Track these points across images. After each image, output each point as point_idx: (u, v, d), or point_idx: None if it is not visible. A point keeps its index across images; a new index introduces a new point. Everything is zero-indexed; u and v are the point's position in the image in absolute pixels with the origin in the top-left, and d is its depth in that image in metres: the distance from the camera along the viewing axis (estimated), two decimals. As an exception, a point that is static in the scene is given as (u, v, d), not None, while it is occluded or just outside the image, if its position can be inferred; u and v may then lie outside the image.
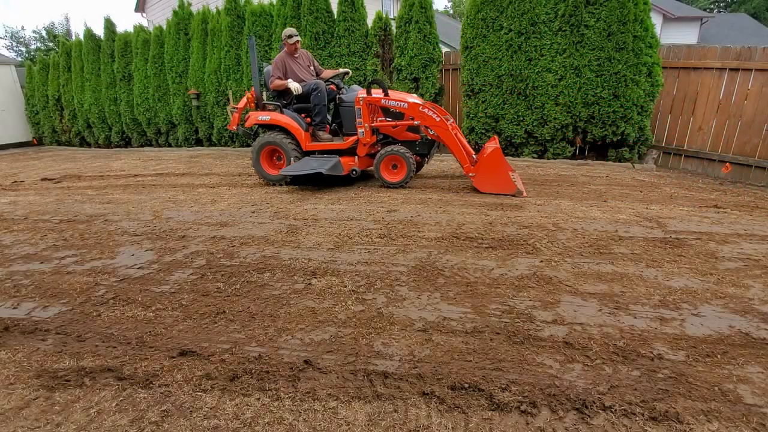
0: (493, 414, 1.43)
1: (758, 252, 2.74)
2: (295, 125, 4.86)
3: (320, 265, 2.66)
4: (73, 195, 5.08)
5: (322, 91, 4.76)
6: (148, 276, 2.62)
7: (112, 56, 10.30)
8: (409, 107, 4.55)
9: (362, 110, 4.64)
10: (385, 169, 4.77)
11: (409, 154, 4.65)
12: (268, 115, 4.95)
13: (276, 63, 4.90)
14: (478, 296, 2.22)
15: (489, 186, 4.39)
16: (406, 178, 4.70)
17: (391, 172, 4.80)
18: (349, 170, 4.78)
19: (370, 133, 4.73)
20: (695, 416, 1.39)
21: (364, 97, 4.61)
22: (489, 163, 4.34)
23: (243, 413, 1.47)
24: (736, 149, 5.27)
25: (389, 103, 4.60)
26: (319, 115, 4.84)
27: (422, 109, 4.48)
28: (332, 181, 5.00)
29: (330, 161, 4.63)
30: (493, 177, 4.35)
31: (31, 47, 33.84)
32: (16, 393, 1.61)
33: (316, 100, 4.76)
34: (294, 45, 4.88)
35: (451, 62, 7.71)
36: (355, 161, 4.83)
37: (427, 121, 4.51)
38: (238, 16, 8.11)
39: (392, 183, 4.75)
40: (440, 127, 4.49)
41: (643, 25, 5.45)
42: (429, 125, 4.55)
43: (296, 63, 5.00)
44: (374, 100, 4.63)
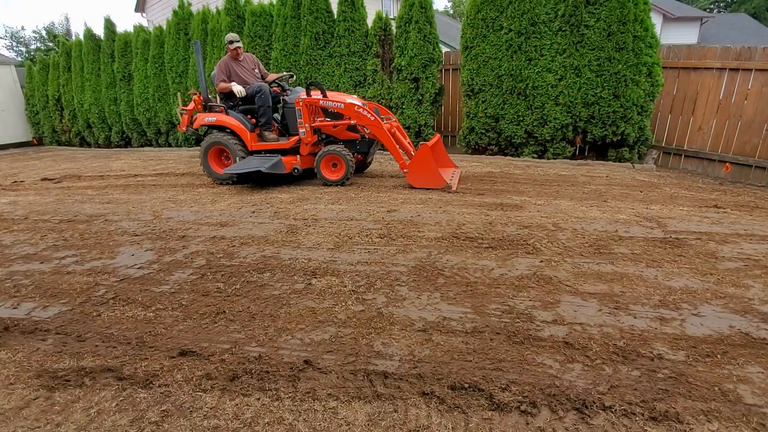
0: (493, 414, 1.43)
1: (758, 252, 2.74)
2: (240, 126, 5.06)
3: (320, 265, 2.66)
4: (73, 195, 5.08)
5: (265, 93, 4.97)
6: (148, 276, 2.62)
7: (112, 56, 10.30)
8: (345, 107, 4.76)
9: (302, 111, 4.87)
10: (325, 167, 4.98)
11: (347, 153, 4.85)
12: (214, 116, 5.16)
13: (220, 66, 5.14)
14: (478, 296, 2.22)
15: (420, 181, 4.65)
16: (346, 176, 4.90)
17: (331, 170, 5.00)
18: (291, 168, 5.01)
19: (311, 132, 4.95)
20: (695, 416, 1.39)
21: (303, 99, 4.83)
22: (418, 160, 4.60)
23: (243, 413, 1.47)
24: (736, 149, 5.28)
25: (327, 104, 4.84)
26: (264, 116, 5.06)
27: (357, 109, 4.70)
28: (279, 180, 5.26)
29: (271, 160, 4.85)
30: (423, 173, 4.60)
31: (31, 47, 33.85)
32: (16, 393, 1.61)
33: (260, 101, 4.98)
34: (236, 50, 5.16)
35: (451, 62, 7.72)
36: (297, 160, 5.05)
37: (363, 120, 4.73)
38: (238, 16, 8.11)
39: (332, 181, 4.96)
40: (375, 126, 4.70)
41: (643, 25, 5.45)
42: (364, 124, 4.76)
43: (240, 66, 5.24)
44: (313, 101, 4.85)
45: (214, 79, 5.20)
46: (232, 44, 5.11)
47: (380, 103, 7.29)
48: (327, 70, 7.56)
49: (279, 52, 7.69)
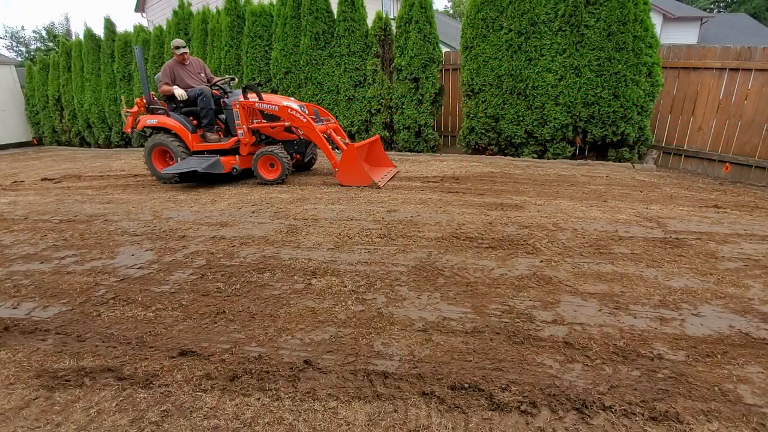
0: (493, 414, 1.43)
1: (758, 252, 2.74)
2: (181, 127, 5.25)
3: (320, 265, 2.66)
4: (73, 195, 5.08)
5: (206, 96, 5.20)
6: (148, 276, 2.62)
7: (112, 56, 10.31)
8: (279, 110, 5.05)
9: (239, 113, 5.12)
10: (262, 167, 5.22)
11: (282, 153, 5.10)
12: (155, 118, 5.34)
13: (164, 70, 5.30)
14: (478, 296, 2.22)
15: (348, 179, 4.92)
16: (282, 175, 5.15)
17: (268, 169, 5.24)
18: (230, 168, 5.23)
19: (249, 133, 5.22)
20: (695, 416, 1.39)
21: (240, 102, 5.08)
22: (345, 160, 4.88)
23: (243, 413, 1.47)
24: (736, 149, 5.28)
25: (263, 106, 5.12)
26: (206, 118, 5.28)
27: (290, 111, 4.99)
28: (221, 179, 5.55)
29: (209, 160, 5.08)
30: (350, 171, 4.88)
31: (31, 47, 33.86)
32: (16, 393, 1.61)
33: (202, 104, 5.21)
34: (182, 55, 5.32)
35: (451, 62, 7.72)
36: (236, 160, 5.28)
37: (295, 122, 5.03)
38: (238, 16, 8.11)
39: (269, 180, 5.20)
40: (306, 128, 5.01)
41: (643, 25, 5.45)
42: (298, 126, 5.06)
43: (185, 70, 5.42)
44: (249, 104, 5.11)
45: (158, 81, 5.34)
46: (179, 49, 5.29)
47: (380, 102, 7.29)
48: (327, 70, 7.56)
49: (279, 52, 7.69)
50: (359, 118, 7.53)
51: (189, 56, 5.44)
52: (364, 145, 5.22)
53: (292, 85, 7.82)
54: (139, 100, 5.50)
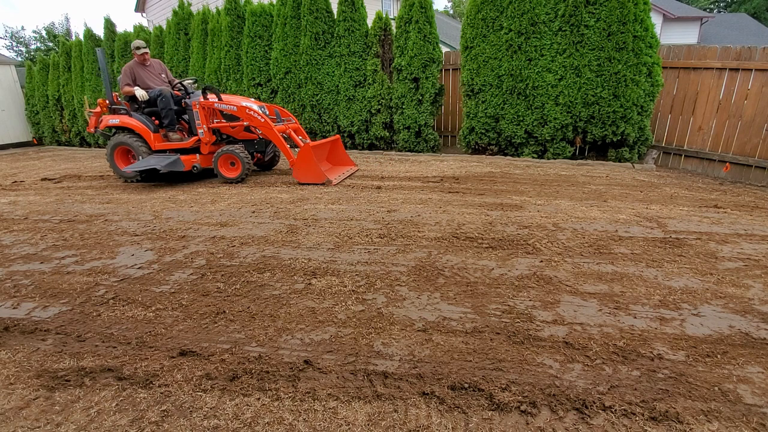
0: (493, 414, 1.43)
1: (758, 252, 2.74)
2: (143, 127, 5.38)
3: (320, 265, 2.66)
4: (73, 195, 5.08)
5: (166, 96, 5.33)
6: (148, 276, 2.62)
7: (112, 56, 10.31)
8: (238, 110, 5.20)
9: (199, 113, 5.29)
10: (223, 165, 5.39)
11: (242, 152, 5.27)
12: (117, 118, 5.46)
13: (125, 71, 5.43)
14: (478, 296, 2.22)
15: (303, 176, 5.11)
16: (242, 173, 5.32)
17: (229, 168, 5.41)
18: (191, 166, 5.39)
19: (209, 133, 5.38)
20: (695, 416, 1.39)
21: (200, 102, 5.26)
22: (301, 158, 5.06)
23: (243, 413, 1.47)
24: (736, 149, 5.28)
25: (222, 106, 5.27)
26: (166, 118, 5.42)
27: (249, 111, 5.15)
28: (184, 177, 5.71)
29: (169, 159, 5.21)
30: (305, 169, 5.06)
31: (31, 47, 33.85)
32: (16, 393, 1.61)
33: (162, 104, 5.34)
34: (142, 56, 5.45)
35: (451, 62, 7.73)
36: (197, 158, 5.43)
37: (253, 121, 5.19)
38: (238, 16, 8.11)
39: (230, 178, 5.36)
40: (264, 127, 5.17)
41: (643, 25, 5.45)
42: (256, 125, 5.23)
43: (146, 71, 5.54)
44: (209, 104, 5.27)
45: (119, 83, 5.48)
46: (139, 50, 5.41)
47: (380, 102, 7.29)
48: (327, 70, 7.56)
49: (279, 52, 7.69)
50: (359, 118, 7.53)
51: (150, 58, 5.62)
52: (320, 144, 5.41)
53: (292, 85, 7.82)
54: (101, 100, 5.65)
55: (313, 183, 5.05)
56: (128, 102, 5.50)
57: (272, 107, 5.65)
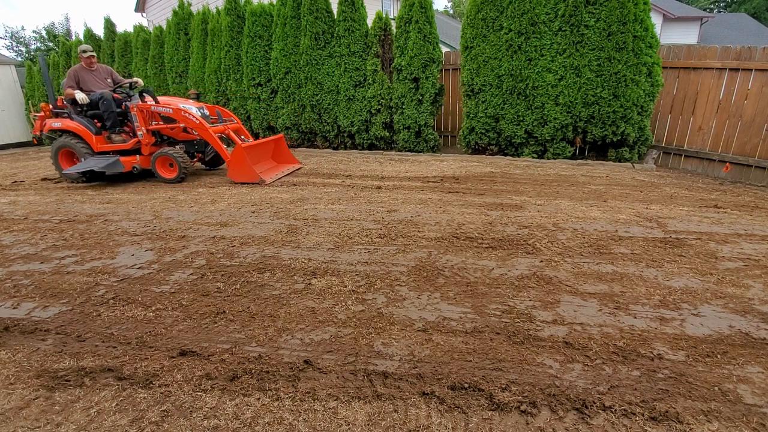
0: (493, 414, 1.43)
1: (758, 252, 2.74)
2: (84, 129, 5.50)
3: (320, 265, 2.66)
4: (73, 195, 5.08)
5: (107, 99, 5.44)
6: (148, 276, 2.62)
7: (112, 56, 10.31)
8: (174, 112, 5.37)
9: (137, 116, 5.45)
10: (161, 167, 5.57)
11: (178, 153, 5.43)
12: (60, 121, 5.61)
13: (69, 74, 5.54)
14: (478, 296, 2.22)
15: (237, 176, 5.30)
16: (180, 174, 5.48)
17: (167, 169, 5.58)
18: (130, 167, 5.54)
19: (148, 135, 5.54)
20: (695, 416, 1.39)
21: (137, 105, 5.42)
22: (234, 158, 5.26)
23: (243, 413, 1.47)
24: (736, 149, 5.27)
25: (159, 109, 5.44)
26: (109, 120, 5.53)
27: (184, 114, 5.31)
28: (125, 178, 5.84)
29: (109, 160, 5.38)
30: (239, 169, 5.25)
31: (31, 47, 33.84)
32: (16, 393, 1.61)
33: (103, 107, 5.45)
34: (89, 59, 5.58)
35: (451, 62, 7.73)
36: (137, 159, 5.58)
37: (189, 123, 5.35)
38: (238, 16, 8.11)
39: (168, 179, 5.53)
40: (199, 128, 5.33)
41: (643, 25, 5.45)
42: (191, 126, 5.40)
43: (91, 75, 5.66)
44: (146, 106, 5.44)
45: (63, 86, 5.59)
46: (86, 53, 5.54)
47: (380, 103, 7.29)
48: (327, 70, 7.56)
49: (279, 52, 7.69)
50: (359, 118, 7.53)
51: (96, 62, 5.75)
52: (258, 144, 5.63)
53: (292, 85, 7.82)
54: (44, 105, 5.80)
55: (247, 182, 5.24)
56: (71, 105, 5.62)
57: (213, 108, 5.93)
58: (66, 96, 5.53)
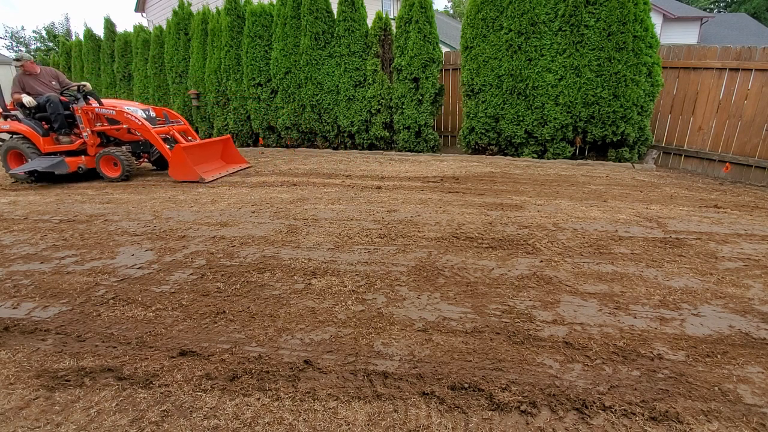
0: (493, 414, 1.43)
1: (758, 252, 2.74)
2: (32, 131, 5.71)
3: (320, 265, 2.66)
4: (73, 195, 5.08)
5: (54, 102, 5.64)
6: (148, 276, 2.62)
7: (112, 56, 10.31)
8: (116, 114, 5.59)
9: (82, 117, 5.65)
10: (105, 166, 5.77)
11: (120, 153, 5.65)
12: (8, 124, 5.82)
13: (14, 80, 5.81)
14: (478, 296, 2.22)
15: (178, 175, 5.53)
16: (123, 173, 5.70)
17: (112, 168, 5.79)
18: (76, 167, 5.68)
19: (93, 136, 5.76)
20: (695, 416, 1.39)
21: (81, 107, 5.61)
22: (173, 157, 5.48)
23: (243, 413, 1.47)
24: (736, 149, 5.28)
25: (102, 111, 5.65)
26: (56, 122, 5.72)
27: (126, 115, 5.53)
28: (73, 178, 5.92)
29: (54, 160, 5.51)
30: (179, 168, 5.48)
31: (31, 47, 33.86)
32: (16, 393, 1.61)
33: (50, 110, 5.65)
34: (23, 67, 5.77)
35: (451, 62, 7.73)
36: (82, 160, 5.76)
37: (131, 124, 5.59)
38: (238, 16, 8.11)
39: (112, 178, 5.73)
40: (141, 129, 5.58)
41: (643, 25, 5.45)
42: (133, 128, 5.65)
43: (36, 80, 5.88)
44: (90, 108, 5.64)
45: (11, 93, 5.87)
46: (19, 61, 5.80)
47: (380, 102, 7.30)
48: (327, 70, 7.56)
49: (279, 52, 7.69)
50: (359, 118, 7.53)
51: (38, 66, 5.93)
52: (202, 144, 5.90)
53: (292, 85, 7.82)
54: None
55: (188, 180, 5.48)
56: (21, 108, 5.82)
57: (160, 110, 6.25)
58: (14, 100, 5.78)
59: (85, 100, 5.69)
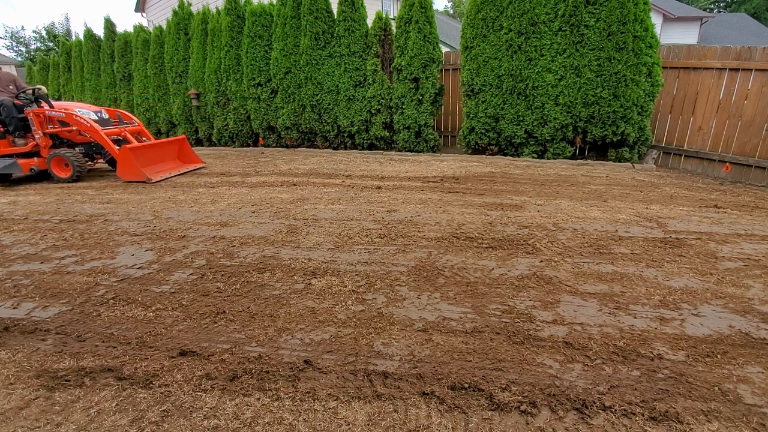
0: (493, 414, 1.43)
1: (758, 252, 2.74)
2: None
3: (320, 265, 2.66)
4: (73, 195, 5.08)
5: (7, 106, 5.83)
6: (148, 276, 2.62)
7: (112, 56, 10.30)
8: (65, 116, 5.75)
9: (34, 120, 5.81)
10: (56, 167, 5.90)
11: (70, 154, 5.81)
12: None
13: None
14: (478, 296, 2.22)
15: (125, 174, 5.73)
16: (74, 173, 5.84)
17: (63, 169, 5.93)
18: (28, 169, 5.87)
19: (45, 138, 5.92)
20: (695, 416, 1.39)
21: (33, 110, 5.77)
22: (120, 158, 5.68)
23: (243, 413, 1.47)
24: (736, 149, 5.27)
25: (53, 113, 5.82)
26: (10, 125, 5.91)
27: (76, 117, 5.69)
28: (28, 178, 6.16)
29: (5, 162, 5.74)
30: (126, 168, 5.69)
31: (31, 47, 33.85)
32: (16, 393, 1.61)
33: (4, 113, 5.84)
34: None
35: (451, 62, 7.73)
36: (35, 161, 5.94)
37: (81, 126, 5.75)
38: (238, 16, 8.11)
39: (64, 178, 5.86)
40: (90, 130, 5.74)
41: (643, 25, 5.45)
42: (83, 129, 5.80)
43: None
44: (41, 111, 5.80)
45: None
46: None
47: (380, 103, 7.29)
48: (327, 70, 7.56)
49: (279, 52, 7.69)
50: (359, 118, 7.53)
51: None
52: (146, 145, 6.06)
53: (292, 85, 7.81)
54: None
55: (135, 180, 5.63)
56: None
57: (114, 112, 6.46)
58: None
59: (37, 104, 5.85)
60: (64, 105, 6.04)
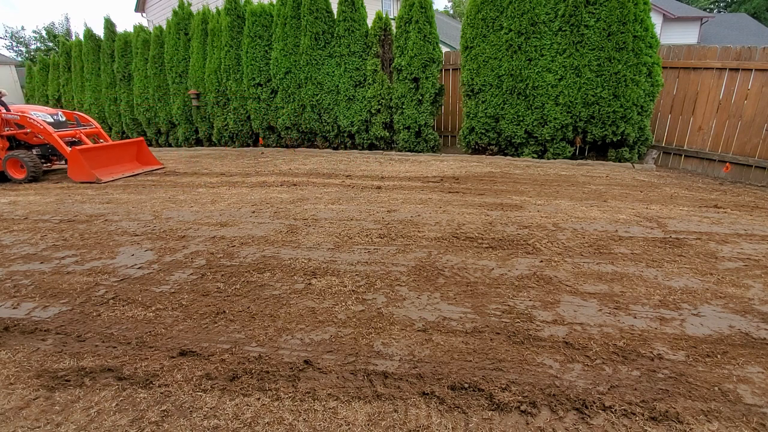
0: (493, 414, 1.43)
1: (758, 252, 2.74)
2: None
3: (320, 265, 2.66)
4: (73, 195, 5.08)
5: None
6: (148, 276, 2.62)
7: (112, 56, 10.30)
8: (20, 119, 5.96)
9: None
10: (11, 168, 6.14)
11: (25, 155, 6.03)
12: None
13: None
14: (478, 296, 2.22)
15: (75, 175, 5.89)
16: (29, 174, 6.05)
17: (18, 170, 6.16)
18: None
19: (2, 140, 6.15)
20: (695, 416, 1.39)
21: None
22: (70, 159, 5.87)
23: (243, 413, 1.47)
24: (736, 149, 5.27)
25: (8, 116, 6.03)
26: None
27: (30, 120, 5.91)
28: None
29: None
30: (76, 169, 5.86)
31: (31, 47, 33.83)
32: (16, 393, 1.61)
33: None
34: None
35: (451, 62, 7.72)
36: None
37: (34, 128, 5.97)
38: (238, 16, 8.11)
39: (19, 179, 6.09)
40: (43, 132, 5.95)
41: (643, 25, 5.45)
42: (36, 131, 6.00)
43: None
44: None
45: None
46: None
47: (380, 103, 7.29)
48: (327, 70, 7.56)
49: (279, 52, 7.69)
50: (359, 118, 7.53)
51: None
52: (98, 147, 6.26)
53: (292, 85, 7.81)
54: None
55: (86, 181, 5.80)
56: None
57: (72, 114, 6.71)
58: None
59: None
60: (21, 108, 6.24)
